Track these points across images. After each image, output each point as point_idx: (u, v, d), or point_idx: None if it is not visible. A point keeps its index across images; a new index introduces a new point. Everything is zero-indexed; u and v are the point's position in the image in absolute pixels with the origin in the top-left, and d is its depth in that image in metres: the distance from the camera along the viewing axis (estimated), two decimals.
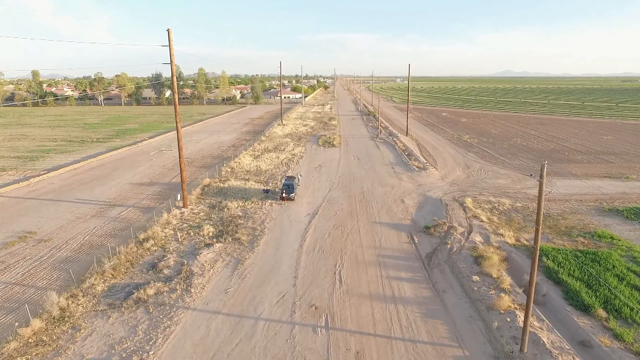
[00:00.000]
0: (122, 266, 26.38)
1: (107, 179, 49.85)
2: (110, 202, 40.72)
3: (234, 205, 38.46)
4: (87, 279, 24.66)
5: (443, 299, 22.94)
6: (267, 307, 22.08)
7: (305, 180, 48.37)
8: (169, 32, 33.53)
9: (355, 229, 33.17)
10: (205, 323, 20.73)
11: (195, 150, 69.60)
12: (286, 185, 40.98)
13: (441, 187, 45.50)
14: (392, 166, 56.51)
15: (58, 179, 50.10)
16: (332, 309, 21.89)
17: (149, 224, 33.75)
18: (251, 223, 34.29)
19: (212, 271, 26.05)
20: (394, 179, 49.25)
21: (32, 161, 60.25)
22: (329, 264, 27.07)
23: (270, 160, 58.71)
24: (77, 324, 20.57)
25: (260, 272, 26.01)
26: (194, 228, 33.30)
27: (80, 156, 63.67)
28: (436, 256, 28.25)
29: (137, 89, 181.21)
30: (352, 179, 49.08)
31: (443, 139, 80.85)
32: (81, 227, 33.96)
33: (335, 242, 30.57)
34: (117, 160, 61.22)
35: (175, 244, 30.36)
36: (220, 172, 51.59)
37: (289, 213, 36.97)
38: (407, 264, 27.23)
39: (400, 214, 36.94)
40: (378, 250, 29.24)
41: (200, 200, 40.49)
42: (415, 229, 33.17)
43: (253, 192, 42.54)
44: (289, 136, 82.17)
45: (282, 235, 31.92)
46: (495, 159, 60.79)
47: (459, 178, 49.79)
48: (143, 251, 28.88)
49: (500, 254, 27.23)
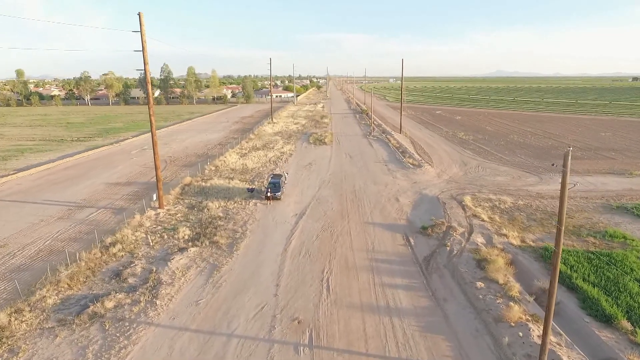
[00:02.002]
0: (81, 275, 23.26)
1: (81, 179, 46.53)
2: (80, 204, 37.47)
3: (215, 205, 35.44)
4: (38, 291, 21.54)
5: (444, 309, 20.16)
6: (243, 322, 19.13)
7: (294, 178, 45.45)
8: (140, 17, 30.45)
9: (345, 231, 30.33)
10: (168, 342, 17.73)
11: (179, 148, 66.36)
12: (272, 183, 38.05)
13: (437, 185, 42.84)
14: (385, 164, 53.79)
15: (27, 180, 46.66)
16: (318, 323, 19.01)
17: (119, 227, 30.63)
18: (232, 225, 31.31)
19: (183, 279, 23.04)
20: (387, 177, 46.51)
21: (3, 161, 56.65)
22: (315, 270, 24.19)
23: (258, 159, 55.71)
24: (15, 345, 17.47)
25: (238, 280, 23.05)
26: (169, 230, 30.25)
27: (56, 155, 60.15)
28: (435, 260, 25.49)
29: (125, 89, 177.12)
30: (344, 177, 46.26)
31: (438, 136, 78.38)
32: (43, 231, 30.73)
33: (324, 245, 27.70)
34: (95, 160, 57.82)
35: (145, 248, 27.29)
36: (203, 171, 48.49)
37: (274, 214, 34.03)
38: (403, 268, 24.43)
39: (395, 213, 34.17)
40: (371, 254, 26.41)
41: (178, 201, 37.40)
42: (411, 230, 30.41)
43: (237, 192, 39.54)
44: (279, 134, 79.20)
45: (266, 238, 28.98)
46: (492, 155, 58.36)
47: (456, 175, 47.18)
48: (108, 257, 25.77)
49: (506, 257, 24.54)
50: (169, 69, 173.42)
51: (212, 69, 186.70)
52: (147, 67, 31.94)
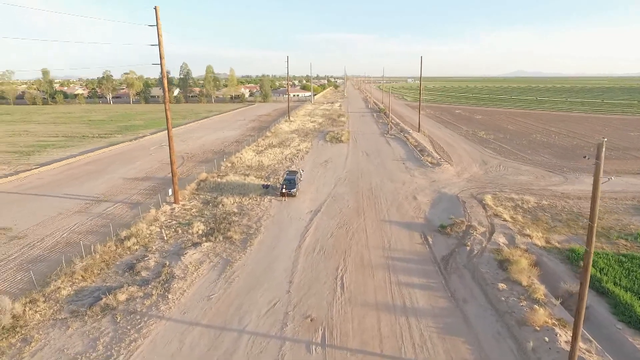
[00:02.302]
0: (95, 267, 23.25)
1: (100, 174, 47.09)
2: (98, 198, 37.82)
3: (230, 201, 35.21)
4: (53, 282, 21.58)
5: (464, 310, 19.27)
6: (255, 318, 18.68)
7: (310, 175, 44.93)
8: (156, 10, 30.43)
9: (361, 228, 29.62)
10: (179, 336, 17.41)
11: (196, 145, 66.69)
12: (287, 180, 37.61)
13: (457, 184, 41.64)
14: (403, 162, 52.76)
15: (49, 174, 47.50)
16: (331, 321, 18.39)
17: (134, 221, 30.67)
18: (246, 220, 30.98)
19: (195, 274, 22.76)
20: (405, 175, 45.52)
21: (27, 156, 57.96)
22: (330, 267, 23.58)
23: (274, 156, 55.42)
24: (29, 335, 17.44)
25: (251, 276, 22.63)
26: (183, 225, 30.11)
27: (77, 151, 61.22)
28: (454, 259, 24.54)
29: (146, 88, 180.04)
30: (360, 175, 45.50)
31: (457, 135, 76.71)
32: (61, 224, 31.03)
33: (339, 242, 27.06)
34: (115, 155, 58.58)
35: (159, 242, 27.18)
36: (219, 167, 48.46)
37: (289, 210, 33.57)
38: (421, 267, 23.59)
39: (412, 211, 33.26)
40: (387, 252, 25.64)
41: (194, 196, 37.34)
42: (429, 228, 29.48)
43: (252, 188, 39.25)
44: (296, 132, 78.86)
45: (280, 234, 28.52)
46: (514, 155, 56.61)
47: (476, 174, 45.84)
48: (122, 250, 25.74)
49: (530, 258, 23.40)
50: (188, 68, 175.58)
51: (230, 68, 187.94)
52: (163, 61, 31.90)
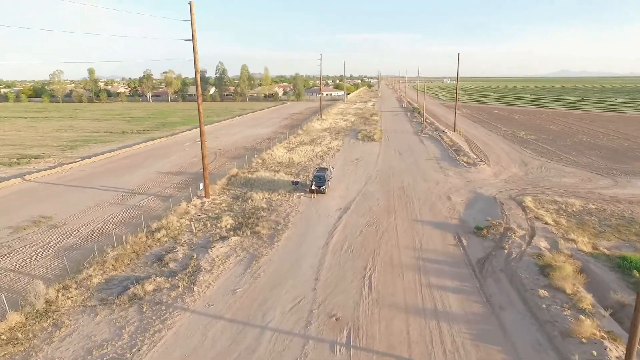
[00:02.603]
0: (126, 257, 23.64)
1: (136, 168, 48.48)
2: (133, 190, 38.82)
3: (259, 196, 35.13)
4: (85, 270, 22.07)
5: (500, 317, 18.00)
6: (278, 315, 18.24)
7: (340, 173, 44.25)
8: (191, 6, 30.72)
9: (392, 227, 28.64)
10: (202, 329, 17.24)
11: (229, 142, 67.57)
12: (317, 177, 37.10)
13: (494, 185, 39.69)
14: (437, 161, 51.05)
15: (89, 167, 49.41)
16: (357, 322, 17.66)
17: (165, 214, 31.14)
18: (274, 216, 30.72)
19: (222, 267, 22.65)
20: (439, 175, 43.95)
21: (70, 150, 60.69)
22: (358, 266, 22.83)
23: (305, 153, 55.13)
24: (60, 320, 17.81)
25: (277, 272, 22.25)
26: (212, 219, 30.24)
27: (116, 146, 63.51)
28: (490, 263, 23.15)
29: (183, 86, 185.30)
30: (392, 173, 44.34)
31: (495, 135, 73.64)
32: (97, 214, 31.98)
33: (368, 241, 26.24)
34: (151, 150, 60.27)
35: (188, 235, 27.37)
36: (250, 163, 48.69)
37: (317, 207, 33.05)
38: (454, 270, 22.40)
39: (446, 212, 31.89)
40: (418, 253, 24.58)
41: (224, 191, 37.57)
42: (464, 230, 28.08)
43: (281, 184, 39.06)
44: (327, 130, 78.36)
45: (308, 231, 28.04)
46: (557, 156, 53.51)
47: (515, 175, 43.57)
48: (152, 242, 26.09)
49: (575, 264, 21.68)
50: (224, 67, 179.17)
51: (265, 67, 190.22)
52: (196, 56, 32.18)
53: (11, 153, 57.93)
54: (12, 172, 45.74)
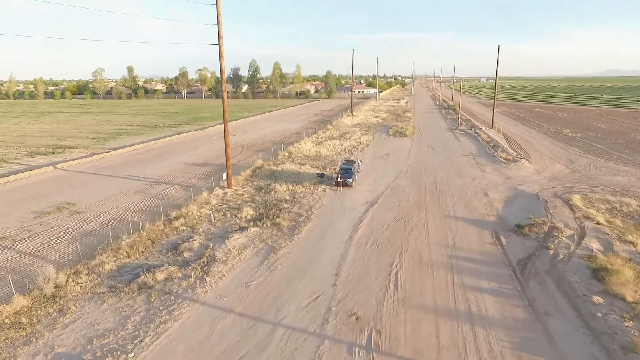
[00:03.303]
0: (141, 244, 22.83)
1: (163, 159, 48.47)
2: (157, 180, 38.51)
3: (283, 188, 33.78)
4: (99, 256, 21.39)
5: (546, 325, 15.63)
6: (293, 311, 16.68)
7: (369, 167, 42.26)
8: None
9: (422, 222, 26.47)
10: (210, 323, 15.93)
11: (257, 136, 66.91)
12: (343, 169, 35.34)
13: (537, 182, 36.50)
14: (473, 157, 48.01)
15: (119, 157, 49.90)
16: (380, 322, 15.82)
17: (186, 203, 30.35)
18: (297, 208, 29.24)
19: (238, 258, 21.36)
20: (475, 170, 41.08)
21: (104, 141, 61.91)
22: (383, 262, 20.92)
23: (333, 147, 53.45)
24: (66, 306, 17.03)
25: (295, 265, 20.71)
26: (233, 209, 29.14)
27: (146, 138, 64.26)
28: (533, 264, 20.62)
29: (217, 84, 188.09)
30: (424, 168, 41.88)
31: (537, 132, 69.13)
32: (119, 202, 31.66)
33: (395, 236, 24.23)
34: (179, 143, 60.47)
35: (207, 225, 26.35)
36: (276, 156, 47.55)
37: (343, 200, 31.30)
38: (491, 270, 20.06)
39: (483, 208, 29.31)
40: (450, 250, 22.34)
41: (248, 182, 36.51)
42: (503, 227, 25.51)
43: (307, 177, 37.58)
44: (357, 126, 76.31)
45: (331, 224, 26.35)
46: (608, 154, 49.10)
47: (561, 173, 40.04)
48: (170, 230, 25.22)
49: (635, 269, 18.84)
50: (257, 65, 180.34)
51: (297, 65, 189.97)
52: (221, 42, 31.22)
53: (48, 144, 59.71)
54: (46, 161, 46.78)
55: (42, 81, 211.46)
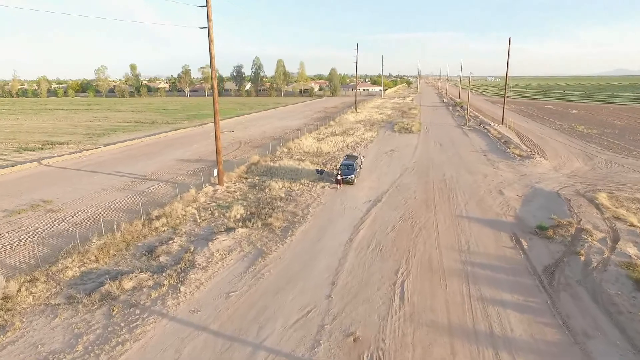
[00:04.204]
0: (113, 247, 20.21)
1: (155, 155, 45.96)
2: (145, 176, 35.94)
3: (278, 185, 31.06)
4: (62, 260, 18.77)
5: (587, 350, 12.77)
6: (279, 329, 13.94)
7: (372, 164, 39.45)
8: None
9: (431, 223, 23.63)
10: (177, 344, 13.24)
11: (257, 132, 64.25)
12: (345, 165, 32.55)
13: (556, 179, 33.50)
14: (484, 153, 45.02)
15: (109, 153, 47.46)
16: (383, 345, 13.04)
17: (171, 201, 27.73)
18: (292, 207, 26.50)
19: (220, 264, 18.67)
20: (487, 167, 38.11)
21: (97, 137, 59.57)
22: (387, 269, 18.13)
23: (335, 143, 50.63)
24: (10, 322, 14.41)
25: (285, 272, 17.98)
26: (222, 208, 26.47)
27: (142, 134, 61.84)
28: (562, 272, 17.72)
29: (220, 82, 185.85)
30: (431, 165, 38.98)
31: (550, 129, 65.90)
32: (100, 199, 29.10)
33: (401, 239, 21.42)
34: (175, 139, 57.96)
35: (191, 225, 23.70)
36: (274, 152, 44.86)
37: (343, 198, 28.53)
38: (513, 279, 17.20)
39: (498, 207, 26.41)
40: (465, 255, 19.50)
41: (241, 179, 33.83)
42: (522, 229, 22.61)
43: (305, 173, 34.84)
44: (361, 122, 73.41)
45: (329, 225, 23.59)
46: (628, 150, 45.90)
47: (580, 170, 36.97)
48: (149, 231, 22.59)
49: None
50: (260, 62, 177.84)
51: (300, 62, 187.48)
52: (210, 24, 28.55)
53: (40, 140, 57.45)
54: (33, 157, 44.41)
55: (45, 79, 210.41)
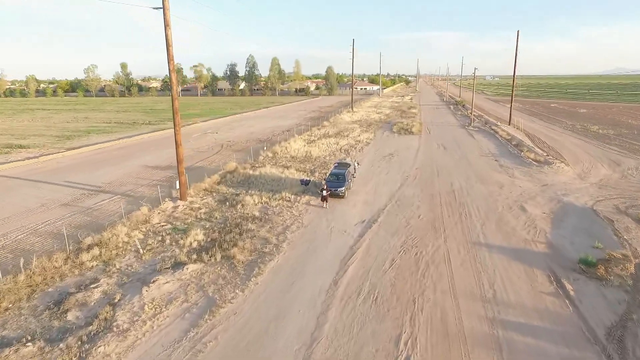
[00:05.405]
0: (10, 295, 14.80)
1: (123, 160, 40.50)
2: (100, 187, 30.50)
3: (254, 200, 25.69)
4: None
5: None
6: None
7: (368, 170, 34.10)
8: None
9: (441, 255, 18.27)
10: None
11: (244, 133, 58.80)
12: (334, 174, 27.23)
13: (584, 190, 28.21)
14: (495, 158, 39.69)
15: (71, 158, 41.97)
16: None
17: (114, 222, 22.31)
18: (266, 230, 21.12)
19: (149, 325, 13.27)
20: (501, 175, 32.79)
21: (67, 140, 54.04)
22: (384, 335, 12.77)
23: (327, 146, 45.25)
24: None
25: (238, 341, 12.59)
26: (178, 232, 21.09)
27: (116, 137, 56.32)
28: (635, 338, 12.39)
29: (213, 81, 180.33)
30: (436, 172, 33.65)
31: (561, 129, 60.67)
32: (31, 219, 23.65)
33: (403, 281, 16.06)
34: (152, 142, 52.49)
35: (131, 257, 18.30)
36: (257, 157, 39.46)
37: (330, 217, 23.15)
38: (566, 352, 11.85)
39: (524, 230, 21.07)
40: (491, 309, 14.14)
41: (211, 191, 28.43)
42: (561, 264, 17.28)
43: (289, 183, 29.48)
44: (357, 122, 68.04)
45: (309, 258, 18.21)
46: None
47: (610, 178, 31.69)
48: (71, 268, 17.18)
49: None
50: (254, 61, 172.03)
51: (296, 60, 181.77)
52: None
53: (2, 143, 51.93)
54: None
55: (33, 79, 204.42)
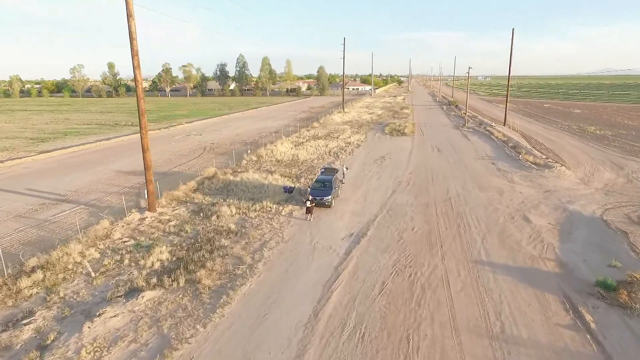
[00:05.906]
0: None
1: (95, 164, 37.73)
2: (63, 196, 27.79)
3: (231, 211, 23.22)
4: None
5: None
6: None
7: (358, 175, 31.78)
8: None
9: (438, 278, 15.96)
10: None
11: (229, 135, 56.18)
12: (320, 181, 24.84)
13: (590, 197, 26.15)
14: (492, 161, 37.61)
15: (41, 163, 39.08)
16: None
17: (67, 239, 19.71)
18: (241, 247, 18.67)
19: None
20: (499, 180, 30.66)
21: (41, 142, 50.98)
22: None
23: (315, 149, 42.89)
24: None
25: None
26: (140, 249, 18.56)
27: (95, 139, 53.38)
28: None
29: (202, 81, 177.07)
30: (431, 177, 31.42)
31: (557, 130, 58.95)
32: None
33: (395, 311, 13.71)
34: (130, 144, 49.64)
35: (80, 282, 15.75)
36: (240, 161, 36.95)
37: (315, 230, 20.76)
38: None
39: (529, 245, 18.86)
40: (499, 347, 11.84)
41: (185, 201, 25.88)
42: (575, 287, 15.06)
43: (271, 191, 27.04)
44: (348, 123, 65.77)
45: (287, 282, 15.79)
46: None
47: (615, 183, 29.70)
48: (4, 297, 14.58)
49: None
50: (244, 61, 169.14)
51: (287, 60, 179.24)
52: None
53: None
54: None
55: (17, 79, 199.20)
